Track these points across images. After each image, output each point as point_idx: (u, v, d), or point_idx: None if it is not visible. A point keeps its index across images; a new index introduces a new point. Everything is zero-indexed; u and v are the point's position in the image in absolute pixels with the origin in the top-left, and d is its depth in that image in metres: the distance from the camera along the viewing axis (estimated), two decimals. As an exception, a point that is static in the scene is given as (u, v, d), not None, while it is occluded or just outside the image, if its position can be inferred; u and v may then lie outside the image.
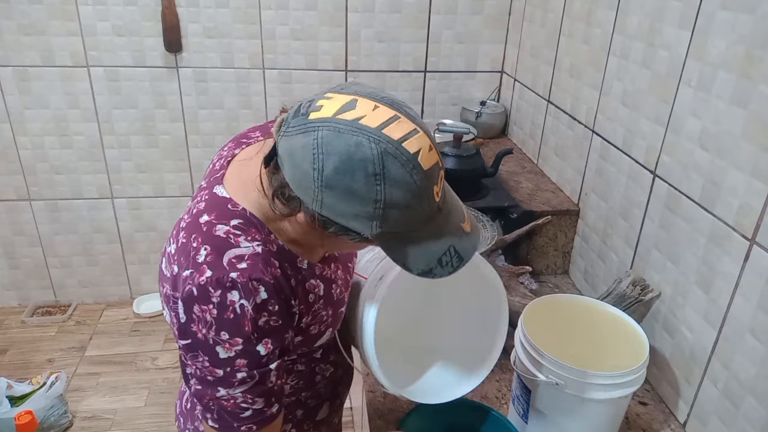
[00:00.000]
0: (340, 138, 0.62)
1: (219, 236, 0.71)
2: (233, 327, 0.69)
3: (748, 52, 1.01)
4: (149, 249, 2.75)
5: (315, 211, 0.66)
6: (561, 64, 1.86)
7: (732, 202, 1.05)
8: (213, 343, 0.69)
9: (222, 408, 0.73)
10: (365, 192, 0.63)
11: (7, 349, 2.50)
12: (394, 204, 0.65)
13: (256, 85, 2.46)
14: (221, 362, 0.70)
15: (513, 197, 1.77)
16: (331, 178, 0.63)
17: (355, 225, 0.67)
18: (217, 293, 0.68)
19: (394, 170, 0.63)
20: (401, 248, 0.71)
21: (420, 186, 0.65)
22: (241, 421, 0.74)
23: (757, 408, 0.99)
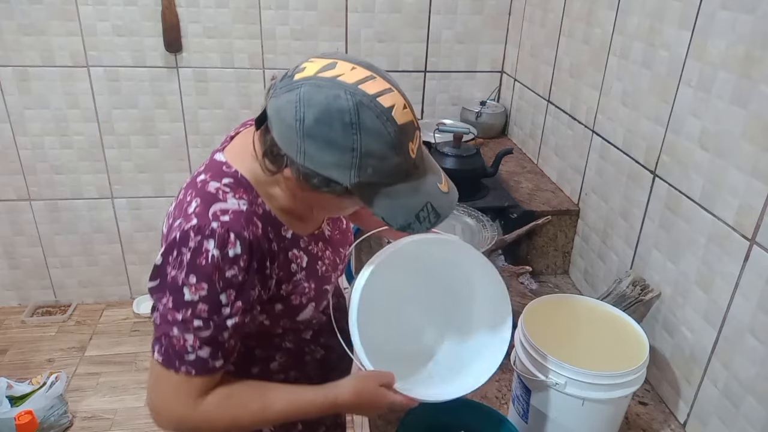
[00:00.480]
0: (320, 92, 0.69)
1: (210, 191, 0.78)
2: (202, 272, 0.74)
3: (748, 52, 1.01)
4: (149, 249, 2.75)
5: (299, 164, 0.72)
6: (561, 64, 1.86)
7: (732, 202, 1.05)
8: (181, 284, 0.74)
9: (170, 345, 0.77)
10: (342, 140, 0.69)
11: (7, 349, 2.50)
12: (370, 153, 0.70)
13: (256, 85, 2.46)
14: (184, 304, 0.75)
15: (513, 197, 1.77)
16: (312, 127, 0.69)
17: (334, 174, 0.72)
18: (196, 239, 0.74)
19: (369, 121, 0.69)
20: (380, 202, 0.75)
21: (394, 138, 0.71)
22: (183, 363, 0.77)
23: (757, 408, 0.99)
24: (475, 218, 1.48)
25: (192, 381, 0.78)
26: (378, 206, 0.75)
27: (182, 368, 0.77)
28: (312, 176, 0.73)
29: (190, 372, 0.77)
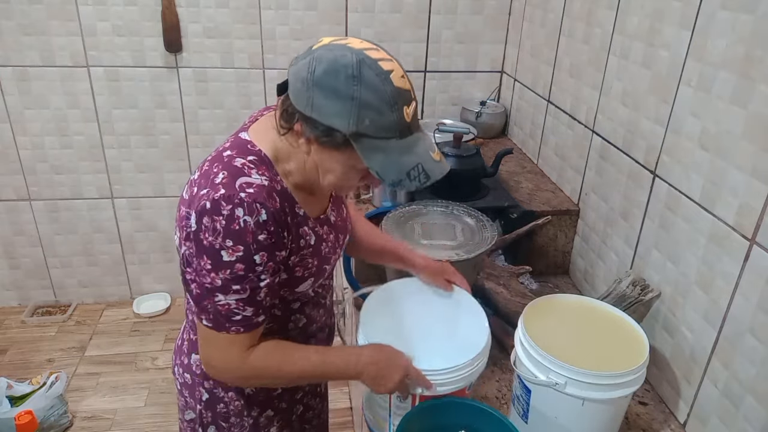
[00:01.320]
0: (330, 52, 0.81)
1: (236, 165, 0.86)
2: (237, 236, 0.82)
3: (748, 52, 1.01)
4: (149, 249, 2.75)
5: (307, 115, 0.81)
6: (561, 64, 1.86)
7: (732, 202, 1.05)
8: (219, 248, 0.82)
9: (217, 311, 0.86)
10: (344, 90, 0.79)
11: (7, 349, 2.50)
12: (368, 104, 0.79)
13: (256, 85, 2.46)
14: (224, 264, 0.83)
15: (513, 197, 1.77)
16: (320, 78, 0.79)
17: (336, 122, 0.80)
18: (227, 207, 0.81)
19: (368, 76, 0.79)
20: (375, 156, 0.82)
21: (390, 95, 0.80)
22: (232, 323, 0.87)
23: (757, 408, 0.99)
24: (475, 218, 1.48)
25: (240, 337, 0.88)
26: (372, 160, 0.83)
27: (232, 328, 0.87)
28: (317, 126, 0.82)
29: (238, 330, 0.87)
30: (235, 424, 1.07)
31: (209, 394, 1.05)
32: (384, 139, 0.82)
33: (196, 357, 1.03)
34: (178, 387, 1.11)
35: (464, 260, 1.31)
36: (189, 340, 1.06)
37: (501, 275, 1.52)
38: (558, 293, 1.57)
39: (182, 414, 1.12)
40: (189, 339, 1.06)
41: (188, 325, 1.06)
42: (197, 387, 1.05)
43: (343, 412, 2.20)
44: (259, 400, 1.06)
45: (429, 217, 1.49)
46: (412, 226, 1.46)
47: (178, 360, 1.09)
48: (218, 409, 1.06)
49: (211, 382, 1.04)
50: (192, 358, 1.05)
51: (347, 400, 2.26)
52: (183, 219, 0.88)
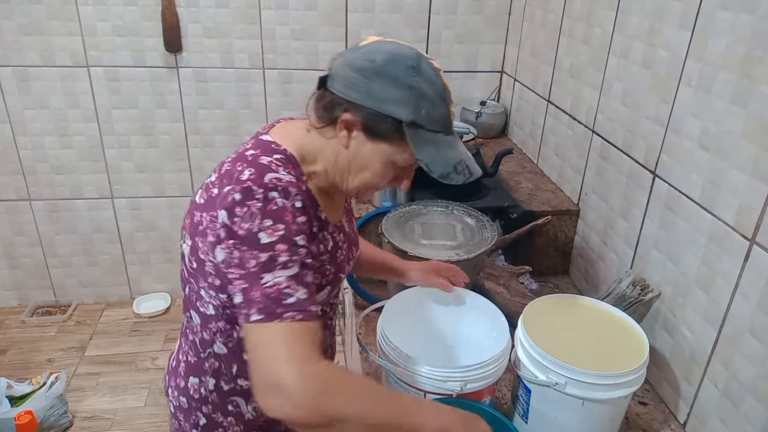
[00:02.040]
0: (386, 44, 0.84)
1: (263, 163, 0.81)
2: (276, 215, 0.76)
3: (748, 52, 1.01)
4: (149, 249, 2.75)
5: (360, 103, 0.82)
6: (561, 64, 1.86)
7: (732, 202, 1.05)
8: (257, 231, 0.75)
9: (266, 296, 0.73)
10: (404, 79, 0.81)
11: (7, 349, 2.50)
12: (425, 95, 0.82)
13: (256, 85, 2.46)
14: (263, 247, 0.75)
15: (513, 197, 1.77)
16: (381, 67, 0.81)
17: (394, 109, 0.82)
18: (260, 191, 0.77)
19: (426, 69, 0.83)
20: (426, 148, 0.84)
21: (443, 90, 0.84)
22: (285, 307, 0.73)
23: (757, 408, 0.99)
24: (475, 218, 1.48)
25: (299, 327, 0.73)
26: (423, 152, 0.84)
27: (286, 314, 0.72)
28: (373, 114, 0.82)
29: (294, 317, 0.72)
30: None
31: (207, 419, 0.99)
32: (434, 132, 0.85)
33: (194, 380, 0.98)
34: (172, 410, 1.05)
35: (464, 260, 1.31)
36: (186, 362, 0.99)
37: (501, 275, 1.52)
38: (558, 293, 1.57)
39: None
40: (186, 361, 1.00)
41: (187, 346, 0.99)
42: (194, 411, 0.99)
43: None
44: (259, 424, 1.00)
45: (429, 217, 1.49)
46: (412, 226, 1.46)
47: (173, 382, 1.03)
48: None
49: (210, 406, 0.97)
50: (190, 381, 0.99)
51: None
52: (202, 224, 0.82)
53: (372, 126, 0.84)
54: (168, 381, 1.05)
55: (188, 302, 0.94)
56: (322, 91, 0.87)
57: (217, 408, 0.98)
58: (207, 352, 0.95)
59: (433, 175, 0.85)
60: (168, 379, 1.05)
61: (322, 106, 0.87)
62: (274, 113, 2.51)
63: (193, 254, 0.86)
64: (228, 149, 2.55)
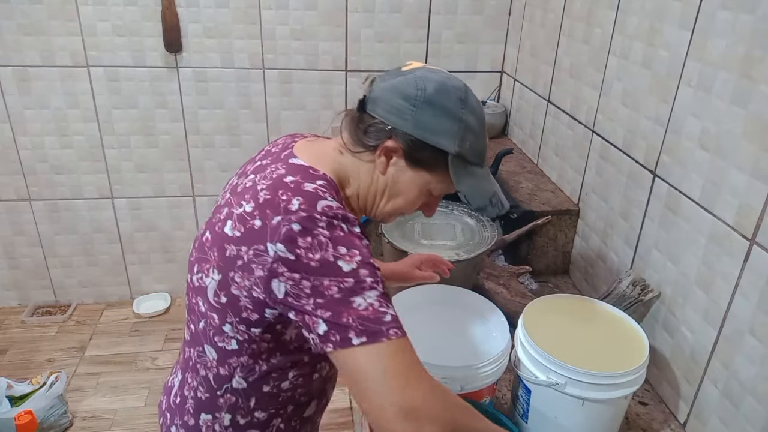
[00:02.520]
0: (435, 74, 0.84)
1: (309, 191, 0.77)
2: (347, 241, 0.74)
3: (748, 52, 1.01)
4: (149, 249, 2.75)
5: (406, 132, 0.81)
6: (561, 64, 1.86)
7: (732, 202, 1.05)
8: (334, 259, 0.72)
9: (363, 318, 0.70)
10: (455, 111, 0.82)
11: (7, 349, 2.50)
12: (471, 128, 0.83)
13: (256, 85, 2.46)
14: (347, 274, 0.72)
15: (513, 197, 1.77)
16: (432, 96, 0.81)
17: (442, 141, 0.82)
18: (323, 219, 0.74)
19: (472, 101, 0.84)
20: (466, 180, 0.85)
21: (485, 123, 0.86)
22: (386, 324, 0.71)
23: (757, 408, 0.99)
24: (475, 218, 1.48)
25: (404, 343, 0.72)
26: (463, 183, 0.85)
27: (390, 331, 0.70)
28: (418, 143, 0.82)
29: (397, 333, 0.71)
30: None
31: None
32: (474, 165, 0.86)
33: (207, 416, 0.92)
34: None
35: (464, 260, 1.31)
36: (196, 399, 0.93)
37: (501, 275, 1.52)
38: (558, 293, 1.57)
39: None
40: (196, 397, 0.93)
41: (196, 382, 0.93)
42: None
43: (343, 412, 2.20)
44: None
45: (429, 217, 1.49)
46: (412, 226, 1.46)
47: (178, 420, 0.96)
48: None
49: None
50: (201, 419, 0.92)
51: (347, 400, 2.26)
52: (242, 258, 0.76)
53: (415, 154, 0.83)
54: (169, 419, 0.98)
55: (202, 336, 0.88)
56: (360, 113, 0.85)
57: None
58: (224, 388, 0.89)
59: (471, 206, 0.88)
60: (169, 417, 0.99)
61: (363, 130, 0.84)
62: (274, 113, 2.51)
63: (223, 289, 0.80)
64: (228, 149, 2.56)
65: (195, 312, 0.88)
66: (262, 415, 0.92)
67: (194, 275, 0.86)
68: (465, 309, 1.19)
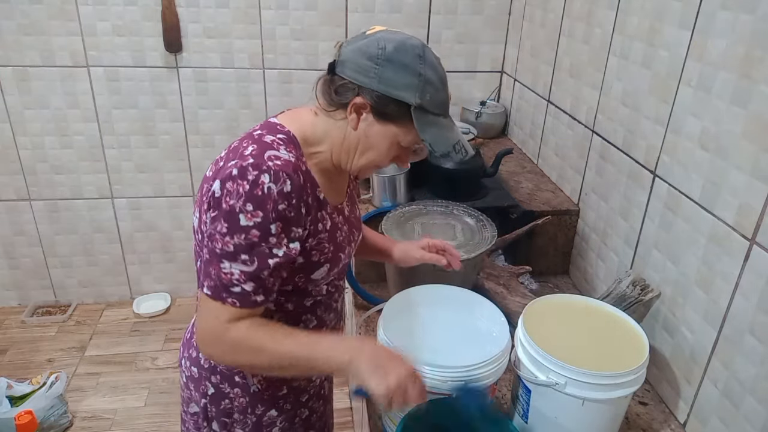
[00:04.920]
0: (395, 35, 0.91)
1: (265, 141, 0.90)
2: (259, 201, 0.83)
3: (748, 52, 1.01)
4: (149, 249, 2.75)
5: (371, 88, 0.88)
6: (561, 64, 1.86)
7: (732, 202, 1.05)
8: (238, 212, 0.84)
9: (219, 278, 0.86)
10: (413, 66, 0.88)
11: (7, 349, 2.50)
12: (430, 81, 0.90)
13: (256, 85, 2.46)
14: (239, 229, 0.84)
15: (513, 197, 1.77)
16: (392, 54, 0.88)
17: (403, 94, 0.89)
18: (253, 173, 0.84)
19: (430, 57, 0.91)
20: (430, 129, 0.92)
21: (442, 76, 0.92)
22: (230, 294, 0.86)
23: (757, 408, 0.99)
24: (475, 218, 1.48)
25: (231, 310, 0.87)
26: (427, 132, 0.92)
27: (228, 299, 0.86)
28: (383, 98, 0.89)
29: (234, 303, 0.87)
30: (239, 420, 1.07)
31: (215, 389, 1.05)
32: (436, 115, 0.92)
33: None
34: (184, 380, 1.11)
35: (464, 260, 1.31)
36: None
37: (501, 275, 1.52)
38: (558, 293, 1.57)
39: (186, 406, 1.13)
40: None
41: None
42: (203, 381, 1.06)
43: (343, 412, 2.20)
44: (263, 398, 1.07)
45: (429, 217, 1.49)
46: (412, 226, 1.46)
47: (186, 353, 1.09)
48: (222, 405, 1.06)
49: (218, 377, 1.04)
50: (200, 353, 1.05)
51: (347, 400, 2.26)
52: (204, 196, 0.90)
53: (381, 109, 0.90)
54: (181, 352, 1.12)
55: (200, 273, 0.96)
56: (331, 76, 0.92)
57: (224, 378, 1.04)
58: None
59: (435, 153, 0.95)
60: (181, 351, 1.12)
61: (334, 90, 0.92)
62: (274, 113, 2.50)
63: (200, 226, 0.92)
64: (228, 149, 2.55)
65: (195, 252, 0.98)
66: None
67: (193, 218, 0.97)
68: (465, 309, 1.19)
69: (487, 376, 1.02)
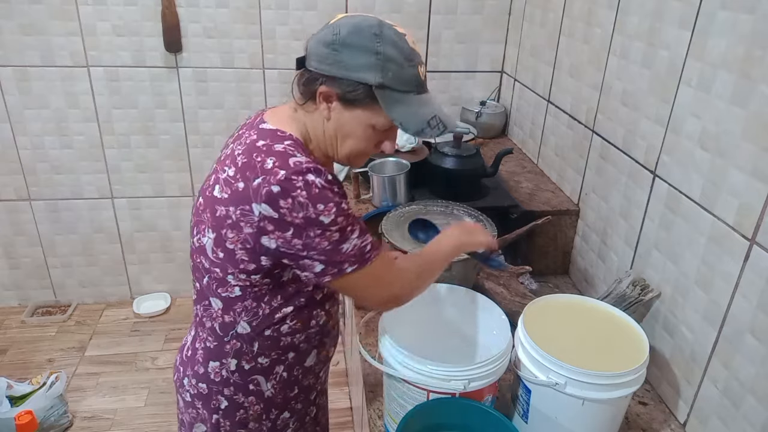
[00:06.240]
0: (351, 18, 0.91)
1: (279, 150, 0.89)
2: (322, 196, 0.86)
3: (748, 52, 1.01)
4: (149, 249, 2.75)
5: (333, 74, 0.89)
6: (561, 64, 1.86)
7: (732, 202, 1.05)
8: (316, 216, 0.85)
9: (351, 256, 0.90)
10: (370, 45, 0.88)
11: (7, 349, 2.50)
12: (391, 58, 0.88)
13: (256, 85, 2.46)
14: (327, 225, 0.86)
15: (513, 197, 1.77)
16: (346, 37, 0.88)
17: (363, 75, 0.88)
18: (299, 179, 0.85)
19: (389, 34, 0.89)
20: (397, 108, 0.90)
21: (407, 52, 0.90)
22: (369, 254, 0.92)
23: (757, 408, 0.99)
24: (475, 218, 1.48)
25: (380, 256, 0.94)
26: (395, 111, 0.90)
27: (372, 257, 0.92)
28: (345, 83, 0.89)
29: (377, 255, 0.93)
30: (254, 429, 1.06)
31: (229, 401, 1.03)
32: (404, 93, 0.90)
33: (215, 364, 1.02)
34: (188, 399, 1.08)
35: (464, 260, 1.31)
36: (205, 348, 1.03)
37: (501, 275, 1.52)
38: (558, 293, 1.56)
39: (189, 428, 1.10)
40: (205, 347, 1.03)
41: (205, 333, 1.03)
42: (214, 396, 1.04)
43: (344, 412, 2.20)
44: (277, 402, 1.06)
45: (429, 217, 1.49)
46: (412, 226, 1.46)
47: (190, 371, 1.06)
48: (237, 417, 1.05)
49: (232, 388, 1.03)
50: (210, 366, 1.02)
51: (347, 400, 2.26)
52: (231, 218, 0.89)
53: (346, 94, 0.90)
54: (182, 372, 1.09)
55: (207, 290, 0.98)
56: (302, 71, 0.94)
57: (238, 388, 1.03)
58: (230, 334, 1.00)
59: (408, 132, 0.92)
60: (182, 370, 1.09)
61: (303, 83, 0.94)
62: (274, 113, 2.51)
63: (219, 246, 0.92)
64: (228, 149, 2.55)
65: (199, 270, 0.98)
66: (265, 360, 1.02)
67: (194, 237, 0.98)
68: (465, 308, 1.19)
69: (488, 376, 1.02)
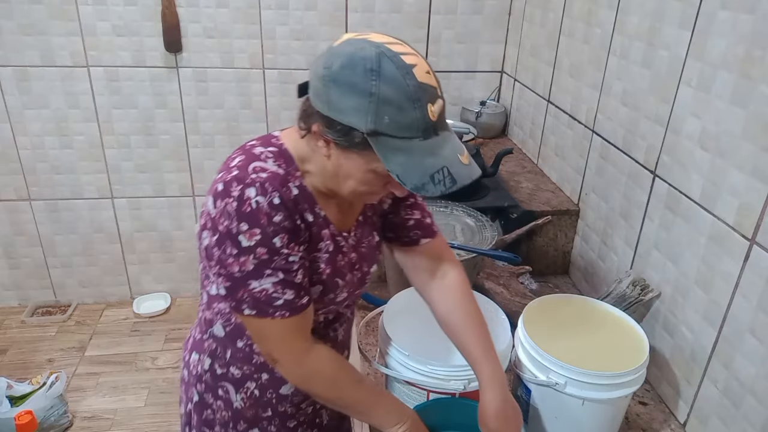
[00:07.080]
0: (349, 45, 0.76)
1: (254, 153, 0.85)
2: (251, 219, 0.78)
3: (748, 52, 1.01)
4: (149, 249, 2.75)
5: (324, 113, 0.76)
6: (561, 64, 1.86)
7: (732, 202, 1.05)
8: (236, 233, 0.79)
9: (255, 299, 0.82)
10: (362, 85, 0.73)
11: (7, 349, 2.50)
12: (387, 100, 0.73)
13: (256, 85, 2.46)
14: (245, 250, 0.79)
15: (513, 197, 1.77)
16: (337, 73, 0.74)
17: (353, 119, 0.74)
18: (237, 188, 0.79)
19: (388, 70, 0.73)
20: (395, 157, 0.75)
21: (411, 90, 0.73)
22: (275, 308, 0.82)
23: (757, 408, 0.99)
24: (475, 218, 1.48)
25: (290, 322, 0.84)
26: (393, 162, 0.75)
27: (276, 313, 0.83)
28: (334, 125, 0.76)
29: (284, 315, 0.83)
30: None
31: (199, 397, 1.02)
32: (405, 139, 0.74)
33: (195, 356, 1.02)
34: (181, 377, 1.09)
35: (464, 260, 1.31)
36: (193, 338, 1.04)
37: (501, 275, 1.52)
38: (558, 293, 1.57)
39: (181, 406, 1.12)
40: (193, 336, 1.04)
41: (197, 322, 1.04)
42: (191, 386, 1.04)
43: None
44: (246, 416, 1.00)
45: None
46: (412, 226, 1.45)
47: (184, 353, 1.08)
48: (204, 415, 1.02)
49: (203, 385, 1.00)
50: (191, 357, 1.03)
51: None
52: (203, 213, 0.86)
53: (339, 137, 0.77)
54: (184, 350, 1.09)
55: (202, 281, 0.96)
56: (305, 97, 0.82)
57: (209, 389, 1.00)
58: (208, 332, 0.98)
59: (406, 187, 0.76)
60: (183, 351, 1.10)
61: (300, 116, 0.83)
62: (274, 113, 2.51)
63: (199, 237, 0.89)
64: (228, 149, 2.55)
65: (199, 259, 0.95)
66: (237, 372, 0.98)
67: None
68: None
69: None
